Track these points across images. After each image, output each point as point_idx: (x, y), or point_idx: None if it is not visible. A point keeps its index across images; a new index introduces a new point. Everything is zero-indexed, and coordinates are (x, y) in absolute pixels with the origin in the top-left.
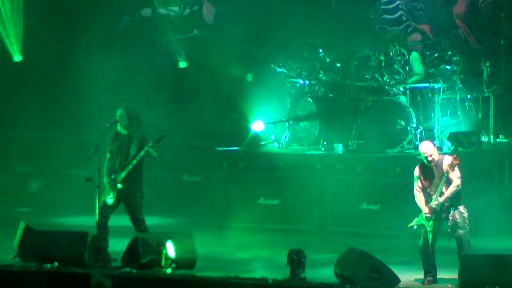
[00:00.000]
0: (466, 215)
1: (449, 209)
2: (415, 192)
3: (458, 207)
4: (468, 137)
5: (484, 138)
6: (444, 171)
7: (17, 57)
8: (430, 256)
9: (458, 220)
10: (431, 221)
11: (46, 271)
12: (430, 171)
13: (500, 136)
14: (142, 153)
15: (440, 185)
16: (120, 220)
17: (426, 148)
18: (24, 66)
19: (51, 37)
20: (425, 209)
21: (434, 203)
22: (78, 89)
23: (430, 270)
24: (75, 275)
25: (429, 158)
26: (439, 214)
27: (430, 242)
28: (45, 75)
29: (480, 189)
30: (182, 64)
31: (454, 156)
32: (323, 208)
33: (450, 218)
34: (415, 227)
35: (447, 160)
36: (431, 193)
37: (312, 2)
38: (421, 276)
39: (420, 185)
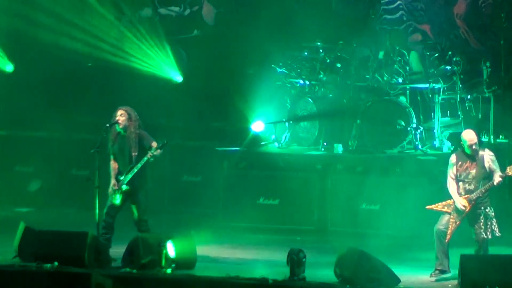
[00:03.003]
0: (493, 215)
1: (480, 208)
2: (449, 179)
3: (488, 207)
4: None
5: (484, 138)
6: (503, 174)
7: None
8: (445, 243)
9: (487, 223)
10: (462, 212)
11: (46, 271)
12: (469, 160)
13: (500, 136)
14: (145, 158)
15: (485, 182)
16: (120, 220)
17: (471, 136)
18: (23, 67)
19: (49, 37)
20: (462, 201)
21: (474, 197)
22: (78, 88)
23: (441, 258)
24: (75, 275)
25: (473, 147)
26: (471, 209)
27: (450, 231)
28: (45, 75)
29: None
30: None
31: None
32: (323, 208)
33: (481, 218)
34: (435, 210)
35: (490, 154)
36: (466, 180)
37: (312, 2)
38: (421, 276)
39: (455, 172)
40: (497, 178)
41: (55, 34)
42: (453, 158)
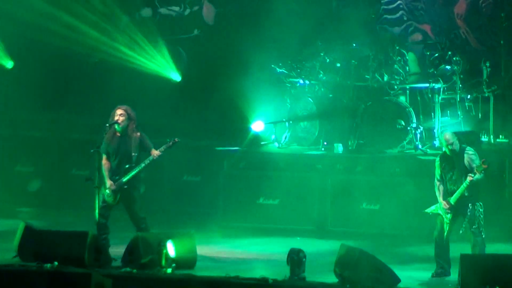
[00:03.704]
0: (481, 211)
1: (467, 205)
2: (436, 182)
3: (476, 203)
4: (468, 137)
5: (484, 138)
6: (472, 171)
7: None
8: (443, 247)
9: (475, 219)
10: (449, 214)
11: (46, 271)
12: (450, 161)
13: (500, 136)
14: (151, 158)
15: (464, 183)
16: (120, 220)
17: (447, 136)
18: (23, 66)
19: (50, 37)
20: (444, 204)
21: (453, 200)
22: (79, 88)
23: (441, 262)
24: (75, 275)
25: (450, 147)
26: (458, 207)
27: (445, 233)
28: (45, 75)
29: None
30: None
31: (484, 160)
32: (323, 208)
33: (468, 214)
34: (430, 214)
35: (469, 152)
36: (450, 181)
37: (313, 2)
38: (421, 276)
39: (440, 173)
40: (468, 177)
41: (56, 34)
42: (437, 160)
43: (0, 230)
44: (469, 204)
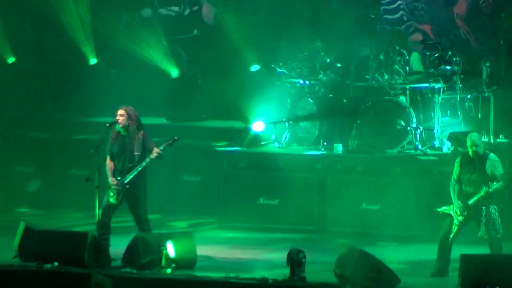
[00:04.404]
0: (496, 213)
1: (481, 208)
2: (452, 181)
3: (490, 206)
4: None
5: (484, 138)
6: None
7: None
8: (446, 248)
9: (490, 221)
10: (461, 216)
11: (46, 271)
12: (471, 163)
13: (500, 136)
14: (150, 156)
15: (483, 187)
16: (120, 220)
17: (474, 138)
18: (23, 66)
19: (49, 36)
20: (460, 205)
21: (471, 202)
22: (79, 88)
23: (441, 262)
24: (75, 275)
25: (474, 149)
26: (470, 211)
27: (452, 235)
28: (44, 75)
29: None
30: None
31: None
32: (323, 208)
33: (483, 218)
34: (441, 213)
35: (493, 159)
36: (467, 183)
37: (313, 2)
38: (421, 276)
39: (458, 174)
40: (490, 183)
41: (57, 34)
42: (457, 160)
43: (0, 230)
44: (483, 208)
